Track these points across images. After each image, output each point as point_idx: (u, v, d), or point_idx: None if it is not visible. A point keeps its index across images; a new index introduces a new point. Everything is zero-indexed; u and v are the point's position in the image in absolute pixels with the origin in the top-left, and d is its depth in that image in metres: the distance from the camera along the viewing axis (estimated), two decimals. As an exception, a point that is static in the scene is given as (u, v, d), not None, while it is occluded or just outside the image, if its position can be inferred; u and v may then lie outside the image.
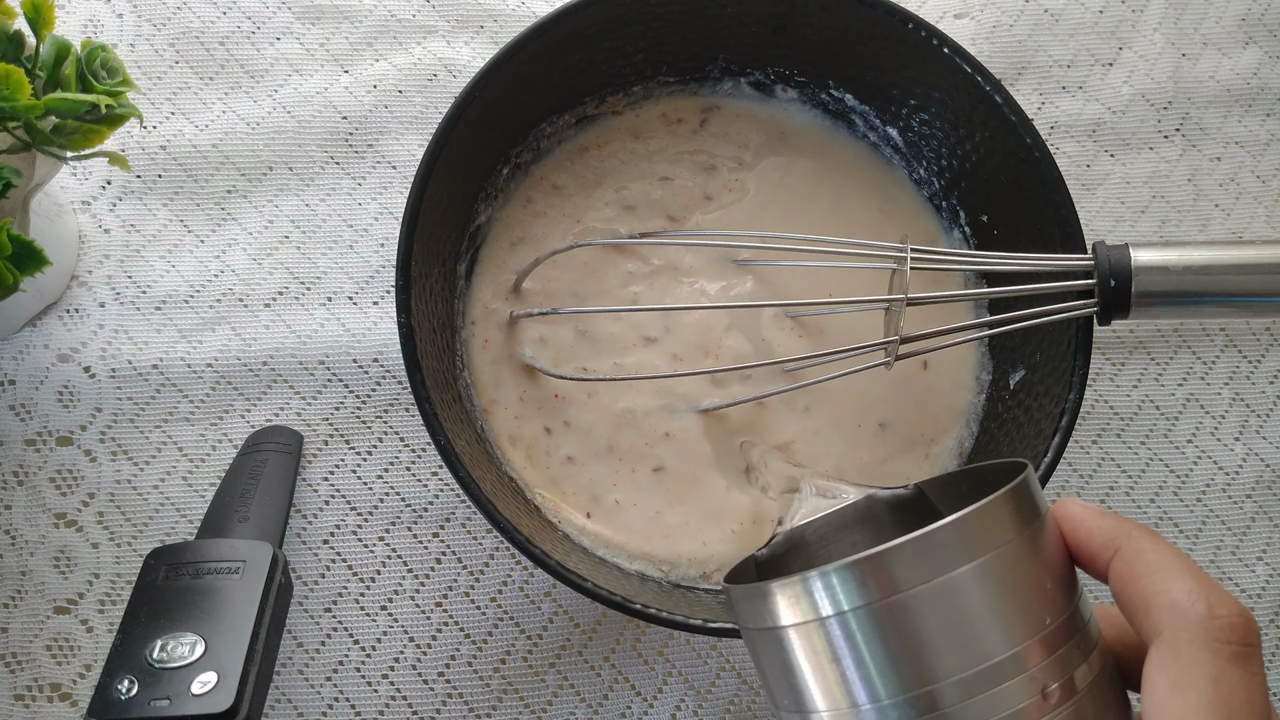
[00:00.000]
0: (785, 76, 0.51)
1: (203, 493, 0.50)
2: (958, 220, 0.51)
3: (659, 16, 0.48)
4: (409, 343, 0.42)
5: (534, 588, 0.50)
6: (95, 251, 0.52)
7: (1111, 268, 0.38)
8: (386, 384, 0.51)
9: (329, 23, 0.56)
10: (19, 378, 0.50)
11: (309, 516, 0.50)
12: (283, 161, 0.54)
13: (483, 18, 0.56)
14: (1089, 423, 0.53)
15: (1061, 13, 0.58)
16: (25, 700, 0.47)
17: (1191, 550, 0.52)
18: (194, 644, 0.41)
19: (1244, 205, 0.57)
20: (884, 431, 0.49)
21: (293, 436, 0.50)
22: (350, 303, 0.53)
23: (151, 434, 0.50)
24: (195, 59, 0.55)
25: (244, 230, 0.53)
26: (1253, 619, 0.26)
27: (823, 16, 0.47)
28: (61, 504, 0.49)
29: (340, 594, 0.49)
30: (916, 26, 0.46)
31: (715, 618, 0.40)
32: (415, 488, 0.50)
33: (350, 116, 0.55)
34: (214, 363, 0.51)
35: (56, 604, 0.48)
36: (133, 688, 0.40)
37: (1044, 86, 0.57)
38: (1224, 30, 0.59)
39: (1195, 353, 0.55)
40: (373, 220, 0.54)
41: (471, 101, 0.44)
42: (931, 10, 0.58)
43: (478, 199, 0.49)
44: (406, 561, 0.50)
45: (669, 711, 0.49)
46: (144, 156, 0.53)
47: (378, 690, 0.48)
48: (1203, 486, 0.53)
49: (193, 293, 0.52)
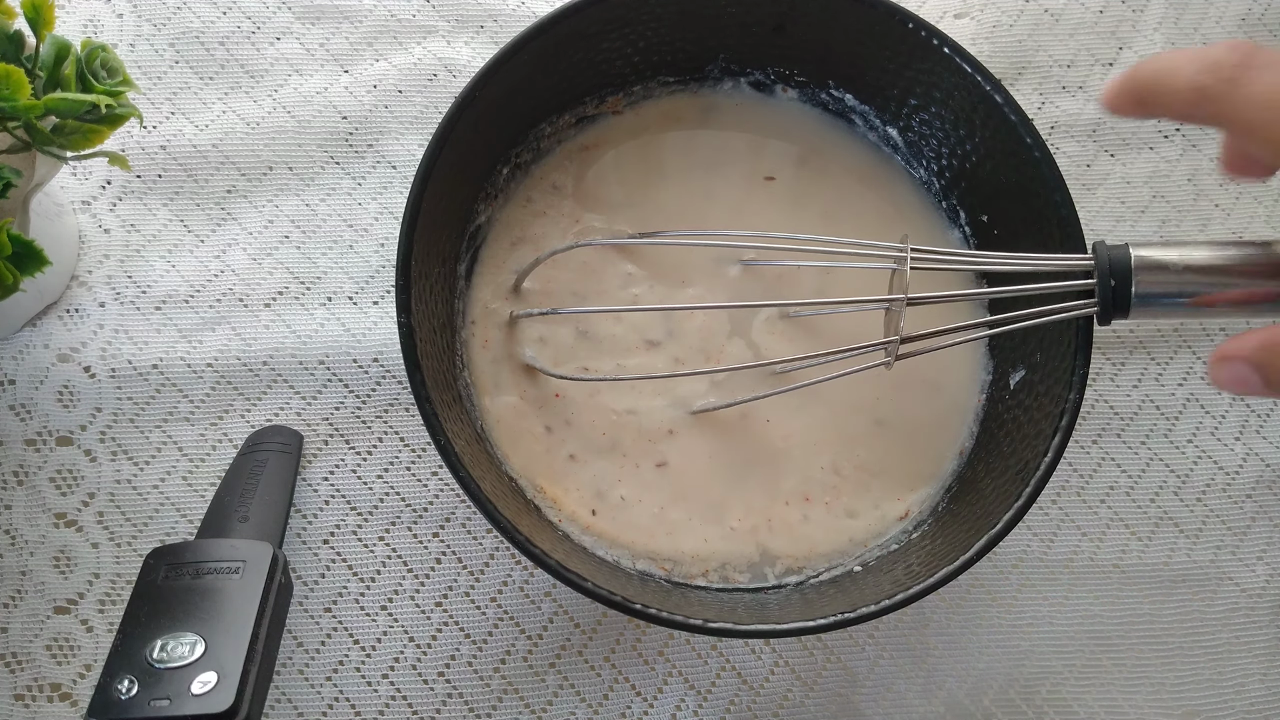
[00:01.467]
0: (785, 76, 0.51)
1: (203, 493, 0.50)
2: (958, 220, 0.51)
3: (659, 16, 0.48)
4: (409, 343, 0.42)
5: (534, 588, 0.50)
6: (95, 251, 0.52)
7: (1111, 267, 0.38)
8: (386, 384, 0.51)
9: (329, 23, 0.56)
10: (19, 378, 0.50)
11: (309, 516, 0.50)
12: (283, 161, 0.54)
13: (483, 18, 0.56)
14: (1089, 423, 0.53)
15: (1061, 13, 0.58)
16: (25, 700, 0.47)
17: (1191, 550, 0.52)
18: (194, 644, 0.41)
19: (1244, 205, 0.57)
20: (882, 431, 0.49)
21: (293, 436, 0.50)
22: (350, 303, 0.53)
23: (151, 434, 0.50)
24: (195, 59, 0.55)
25: (244, 230, 0.53)
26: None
27: (823, 16, 0.47)
28: (61, 504, 0.49)
29: (340, 594, 0.49)
30: (917, 26, 0.46)
31: (715, 617, 0.40)
32: (415, 488, 0.50)
33: (350, 116, 0.55)
34: (214, 363, 0.51)
35: (56, 604, 0.48)
36: (133, 688, 0.40)
37: (1044, 86, 0.57)
38: (1224, 30, 0.59)
39: (1195, 353, 0.55)
40: (373, 220, 0.54)
41: (471, 101, 0.44)
42: (931, 10, 0.58)
43: (478, 199, 0.49)
44: (406, 561, 0.50)
45: (669, 711, 0.49)
46: (144, 156, 0.53)
47: (378, 690, 0.48)
48: (1203, 486, 0.53)
49: (193, 293, 0.52)
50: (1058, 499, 0.52)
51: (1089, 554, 0.52)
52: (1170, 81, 0.31)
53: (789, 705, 0.49)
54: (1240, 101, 0.30)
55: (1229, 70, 0.30)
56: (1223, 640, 0.51)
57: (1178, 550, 0.52)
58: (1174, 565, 0.52)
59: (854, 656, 0.50)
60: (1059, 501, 0.52)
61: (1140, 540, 0.52)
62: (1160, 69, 0.32)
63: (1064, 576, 0.51)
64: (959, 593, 0.51)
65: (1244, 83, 0.29)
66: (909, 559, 0.44)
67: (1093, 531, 0.52)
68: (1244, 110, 0.30)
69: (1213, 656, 0.51)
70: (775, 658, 0.50)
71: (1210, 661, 0.51)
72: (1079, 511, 0.52)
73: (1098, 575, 0.52)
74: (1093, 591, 0.51)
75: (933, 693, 0.50)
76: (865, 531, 0.47)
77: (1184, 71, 0.31)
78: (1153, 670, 0.51)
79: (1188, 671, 0.51)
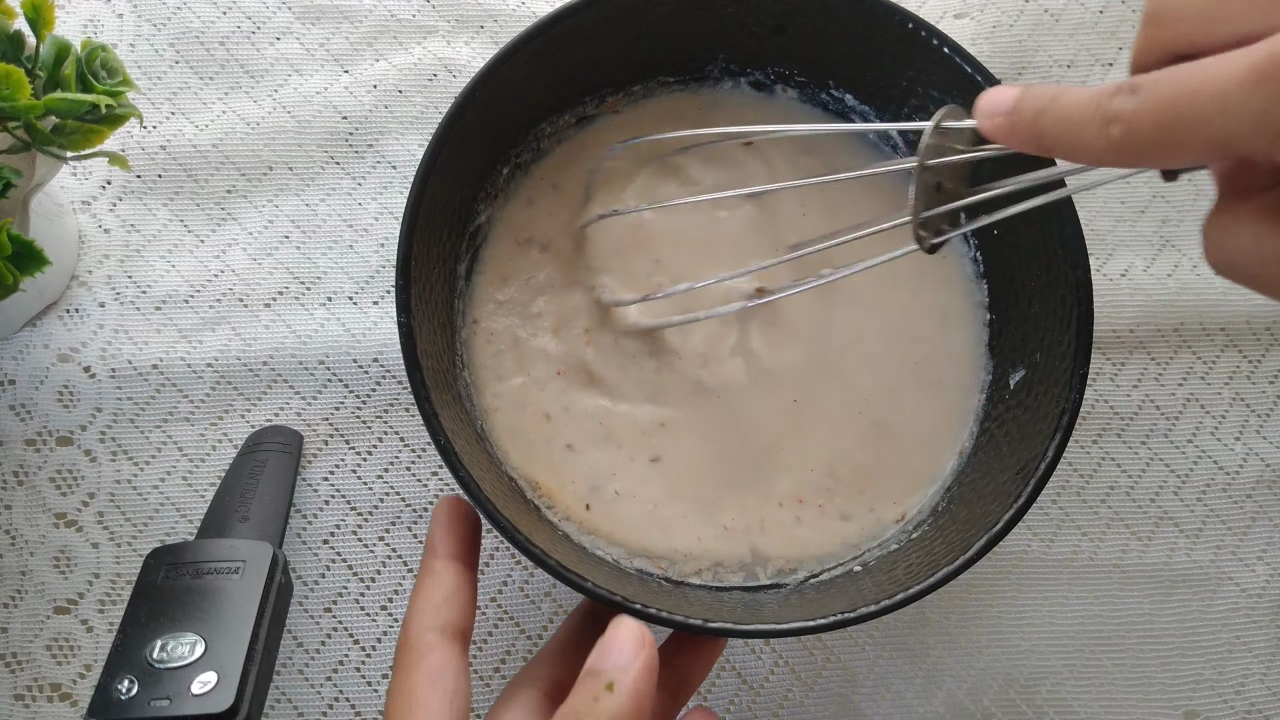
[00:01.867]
0: (785, 76, 0.51)
1: (203, 493, 0.50)
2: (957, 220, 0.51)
3: (659, 16, 0.48)
4: (409, 343, 0.42)
5: (534, 588, 0.50)
6: (95, 251, 0.52)
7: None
8: (386, 384, 0.51)
9: (329, 23, 0.56)
10: (19, 378, 0.50)
11: (309, 516, 0.50)
12: (283, 161, 0.54)
13: (483, 18, 0.56)
14: (1089, 423, 0.53)
15: (1061, 13, 0.58)
16: (25, 700, 0.47)
17: (1192, 550, 0.52)
18: (194, 644, 0.41)
19: (1244, 205, 0.57)
20: (880, 432, 0.49)
21: (293, 436, 0.50)
22: (350, 303, 0.53)
23: (151, 434, 0.50)
24: (195, 59, 0.55)
25: (244, 230, 0.53)
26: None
27: (823, 16, 0.47)
28: (61, 504, 0.49)
29: (340, 594, 0.49)
30: (916, 26, 0.46)
31: (714, 617, 0.40)
32: (415, 488, 0.50)
33: (350, 116, 0.55)
34: (214, 363, 0.51)
35: (56, 604, 0.48)
36: (133, 688, 0.40)
37: (1044, 86, 0.57)
38: (1224, 30, 0.58)
39: (1195, 353, 0.55)
40: (373, 220, 0.54)
41: (471, 101, 0.44)
42: (931, 10, 0.58)
43: (478, 199, 0.49)
44: (406, 561, 0.50)
45: (669, 711, 0.49)
46: (144, 156, 0.53)
47: (378, 690, 0.48)
48: (1203, 486, 0.53)
49: (193, 293, 0.52)
50: (1058, 499, 0.52)
51: (1089, 554, 0.52)
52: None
53: (789, 705, 0.49)
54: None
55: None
56: (1223, 640, 0.51)
57: (1178, 550, 0.52)
58: (1174, 565, 0.52)
59: (854, 656, 0.50)
60: (1059, 501, 0.52)
61: (1140, 540, 0.52)
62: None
63: (1064, 576, 0.51)
64: (959, 592, 0.51)
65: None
66: (909, 559, 0.44)
67: (1093, 531, 0.52)
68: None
69: (1213, 657, 0.51)
70: (775, 658, 0.50)
71: (1210, 662, 0.51)
72: (1079, 511, 0.52)
73: (1098, 575, 0.52)
74: (1093, 591, 0.51)
75: (932, 692, 0.50)
76: (859, 534, 0.47)
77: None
78: (1153, 670, 0.51)
79: (1188, 672, 0.51)
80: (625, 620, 0.34)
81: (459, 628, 0.37)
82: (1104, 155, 0.26)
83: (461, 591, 0.38)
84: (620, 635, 0.34)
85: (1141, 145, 0.25)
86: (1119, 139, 0.25)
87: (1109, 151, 0.26)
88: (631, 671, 0.33)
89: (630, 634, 0.34)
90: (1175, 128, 0.24)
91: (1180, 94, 0.24)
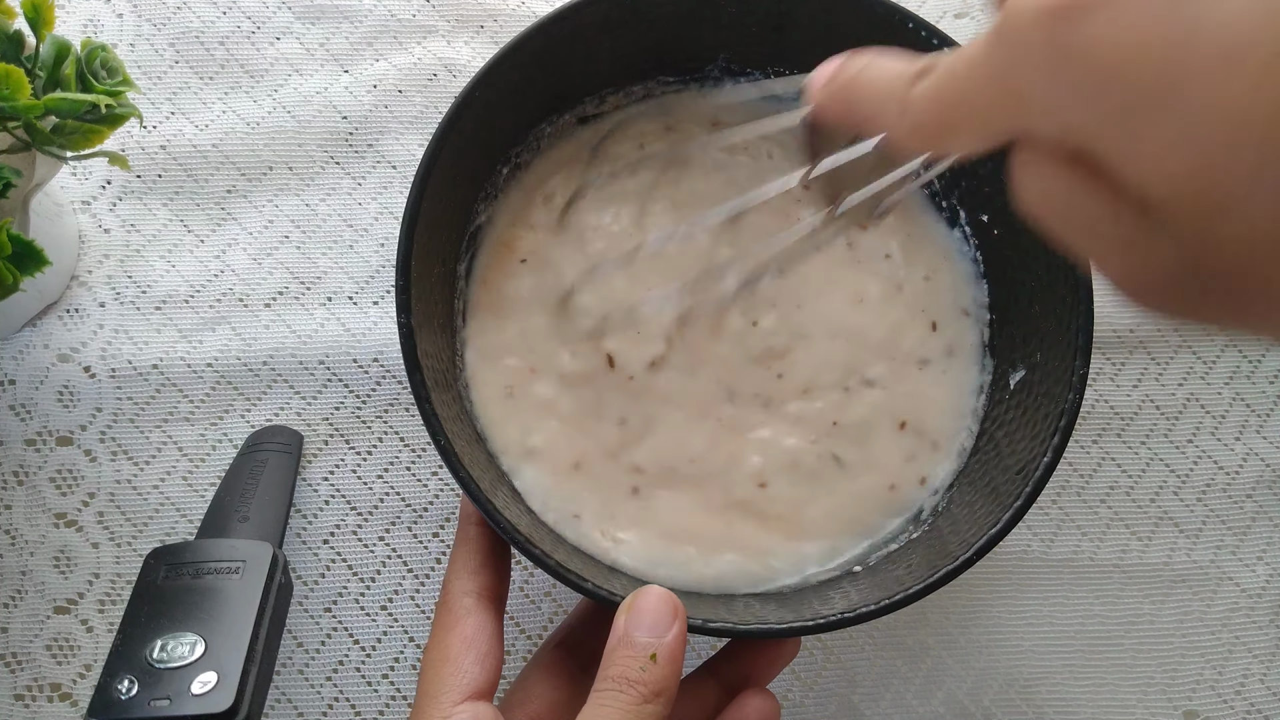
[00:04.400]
0: (785, 76, 0.51)
1: (203, 493, 0.50)
2: (958, 220, 0.51)
3: (659, 16, 0.48)
4: (409, 343, 0.42)
5: (534, 588, 0.50)
6: (95, 251, 0.52)
7: None
8: (386, 384, 0.51)
9: (329, 23, 0.56)
10: (19, 378, 0.50)
11: (309, 516, 0.50)
12: (283, 161, 0.54)
13: (483, 18, 0.56)
14: (1089, 423, 0.53)
15: (1061, 12, 0.58)
16: (25, 700, 0.47)
17: (1192, 550, 0.52)
18: (194, 644, 0.41)
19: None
20: (880, 430, 0.49)
21: (293, 436, 0.50)
22: (350, 303, 0.53)
23: (151, 434, 0.50)
24: (195, 59, 0.55)
25: (244, 230, 0.53)
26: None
27: (823, 17, 0.47)
28: (61, 504, 0.49)
29: (340, 594, 0.49)
30: (917, 26, 0.46)
31: (715, 617, 0.40)
32: (415, 488, 0.50)
33: (350, 116, 0.55)
34: (214, 363, 0.51)
35: (56, 604, 0.48)
36: (133, 688, 0.40)
37: (1044, 86, 0.57)
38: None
39: (1195, 352, 0.55)
40: (373, 220, 0.54)
41: (471, 101, 0.44)
42: (931, 10, 0.58)
43: (478, 199, 0.49)
44: (406, 561, 0.50)
45: (669, 711, 0.49)
46: (144, 156, 0.53)
47: (378, 690, 0.48)
48: (1203, 486, 0.53)
49: (193, 293, 0.52)
50: (1058, 499, 0.52)
51: (1089, 554, 0.52)
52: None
53: (789, 705, 0.49)
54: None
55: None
56: (1223, 641, 0.51)
57: (1178, 550, 0.52)
58: (1174, 565, 0.52)
59: (854, 656, 0.50)
60: (1059, 501, 0.52)
61: (1140, 540, 0.52)
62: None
63: (1064, 576, 0.51)
64: (959, 592, 0.51)
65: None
66: (909, 559, 0.44)
67: (1093, 531, 0.52)
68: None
69: (1213, 657, 0.51)
70: (775, 658, 0.50)
71: (1210, 662, 0.51)
72: (1079, 511, 0.52)
73: (1098, 575, 0.52)
74: (1093, 591, 0.51)
75: (932, 692, 0.50)
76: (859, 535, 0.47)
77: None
78: (1152, 670, 0.51)
79: (1188, 672, 0.51)
80: (653, 588, 0.36)
81: (495, 592, 0.39)
82: (907, 140, 0.24)
83: (496, 556, 0.40)
84: (653, 603, 0.35)
85: (930, 132, 0.23)
86: (910, 126, 0.24)
87: (907, 137, 0.24)
88: (670, 640, 0.35)
89: (664, 602, 0.35)
90: (951, 114, 0.22)
91: (952, 76, 0.22)
